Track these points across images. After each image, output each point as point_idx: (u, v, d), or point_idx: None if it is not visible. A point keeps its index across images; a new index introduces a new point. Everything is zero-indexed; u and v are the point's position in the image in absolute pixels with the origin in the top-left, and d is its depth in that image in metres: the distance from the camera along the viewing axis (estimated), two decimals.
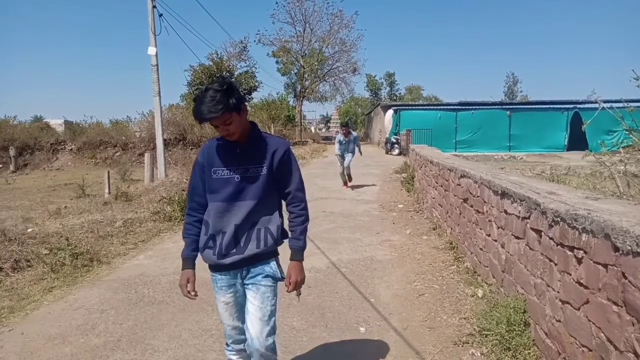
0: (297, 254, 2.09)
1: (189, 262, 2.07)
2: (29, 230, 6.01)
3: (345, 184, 10.75)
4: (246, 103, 1.95)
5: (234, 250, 1.98)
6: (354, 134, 10.91)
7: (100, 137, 25.23)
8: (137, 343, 3.11)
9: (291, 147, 2.11)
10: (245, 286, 2.07)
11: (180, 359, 2.89)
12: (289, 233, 2.10)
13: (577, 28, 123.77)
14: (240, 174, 1.95)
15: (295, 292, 2.10)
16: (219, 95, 1.80)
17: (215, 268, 2.06)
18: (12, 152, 23.05)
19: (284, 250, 2.12)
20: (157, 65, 12.49)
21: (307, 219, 2.10)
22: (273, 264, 2.08)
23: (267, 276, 2.05)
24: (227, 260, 1.98)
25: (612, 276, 1.84)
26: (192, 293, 2.03)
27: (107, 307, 3.76)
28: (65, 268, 4.65)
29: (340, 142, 10.78)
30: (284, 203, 2.14)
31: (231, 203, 1.96)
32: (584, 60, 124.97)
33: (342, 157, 10.62)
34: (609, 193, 3.15)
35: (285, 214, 2.15)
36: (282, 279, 2.09)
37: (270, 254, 2.07)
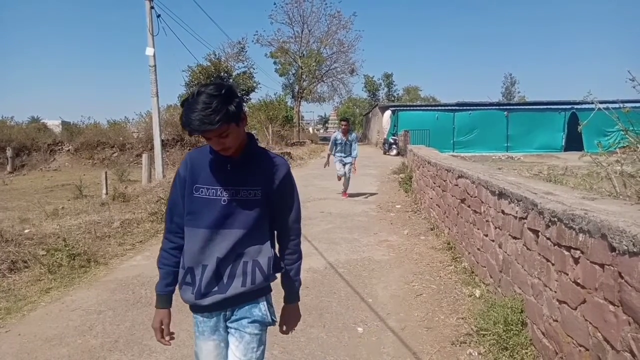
0: (293, 297, 1.82)
1: (163, 300, 1.72)
2: (26, 231, 5.99)
3: (344, 192, 9.47)
4: (246, 109, 1.77)
5: (216, 289, 1.61)
6: (354, 134, 9.36)
7: (98, 137, 25.16)
8: (135, 344, 3.10)
9: (290, 168, 1.76)
10: (228, 329, 1.71)
11: None
12: (283, 268, 1.78)
13: (575, 28, 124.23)
14: (229, 196, 1.59)
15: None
16: (216, 102, 1.43)
17: (194, 308, 1.70)
18: (9, 152, 22.97)
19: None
20: (155, 66, 12.47)
21: (301, 256, 1.81)
22: (262, 305, 1.71)
23: (254, 321, 1.68)
24: (206, 301, 1.61)
25: (609, 276, 1.85)
26: (167, 338, 1.73)
27: (105, 308, 3.75)
28: (63, 269, 4.64)
29: (336, 143, 9.02)
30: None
31: (215, 231, 1.59)
32: (582, 61, 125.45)
33: (342, 161, 9.07)
34: (605, 193, 3.16)
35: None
36: (273, 322, 1.76)
37: (259, 292, 1.69)
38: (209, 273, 1.60)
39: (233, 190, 1.60)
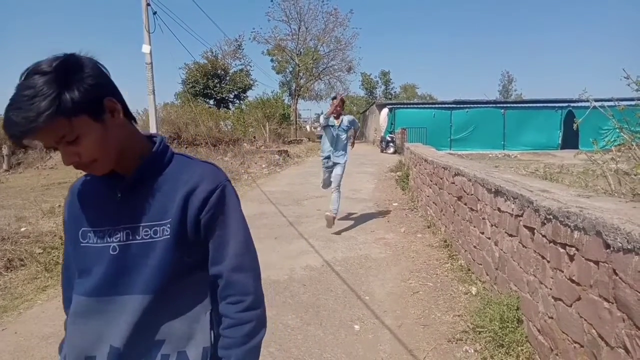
0: None
1: None
2: (23, 229, 5.97)
3: (331, 220, 6.07)
4: (111, 100, 0.97)
5: None
6: (348, 118, 6.38)
7: None
8: None
9: (228, 183, 1.12)
10: None
11: None
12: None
13: (573, 27, 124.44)
14: (120, 241, 1.03)
15: None
16: (43, 82, 0.86)
17: None
18: (4, 150, 22.84)
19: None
20: (151, 63, 12.43)
21: (256, 331, 1.09)
22: None
23: None
24: None
25: (604, 273, 1.86)
26: None
27: None
28: (59, 267, 4.62)
29: (327, 125, 6.24)
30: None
31: (102, 299, 1.03)
32: (579, 59, 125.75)
33: (329, 160, 6.32)
34: (600, 191, 3.17)
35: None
36: None
37: None
38: None
39: (126, 230, 1.03)
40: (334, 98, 6.33)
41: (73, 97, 0.88)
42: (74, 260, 1.10)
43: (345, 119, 6.36)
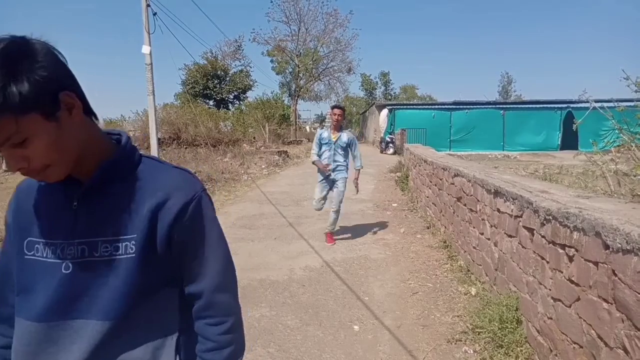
0: None
1: None
2: None
3: (330, 235, 5.61)
4: (68, 95, 0.81)
5: None
6: (345, 135, 5.49)
7: None
8: None
9: (204, 194, 0.98)
10: None
11: None
12: None
13: (572, 28, 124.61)
14: (74, 258, 0.87)
15: None
16: None
17: None
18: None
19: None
20: (151, 64, 12.43)
21: (236, 356, 1.00)
22: None
23: None
24: None
25: (603, 274, 1.86)
26: None
27: None
28: None
29: (321, 143, 5.52)
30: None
31: (53, 325, 0.87)
32: (579, 60, 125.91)
33: (327, 179, 5.58)
34: (600, 192, 3.18)
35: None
36: None
37: None
38: None
39: (81, 245, 0.87)
40: (334, 107, 5.53)
41: (21, 90, 0.72)
42: (16, 275, 0.92)
43: (345, 135, 5.45)
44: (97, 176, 0.89)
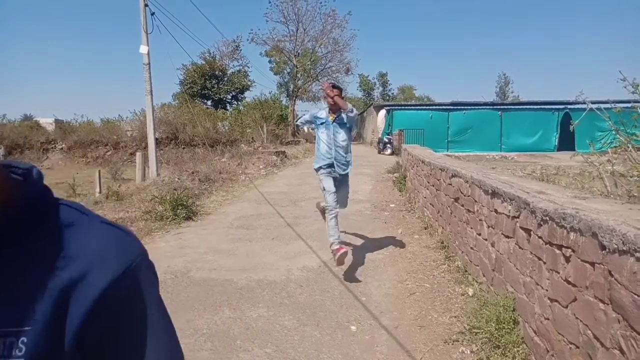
0: None
1: None
2: None
3: (339, 248, 4.43)
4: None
5: None
6: (349, 112, 4.62)
7: (92, 136, 25.05)
8: None
9: (142, 261, 0.62)
10: None
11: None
12: None
13: (570, 29, 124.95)
14: None
15: None
16: None
17: None
18: (1, 151, 22.78)
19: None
20: (149, 63, 12.41)
21: None
22: None
23: None
24: None
25: (599, 274, 1.86)
26: None
27: None
28: None
29: (317, 123, 4.86)
30: None
31: None
32: (576, 61, 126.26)
33: (332, 169, 4.79)
34: (597, 192, 3.19)
35: None
36: None
37: None
38: None
39: None
40: (334, 86, 4.69)
41: None
42: None
43: (348, 112, 4.60)
44: None
